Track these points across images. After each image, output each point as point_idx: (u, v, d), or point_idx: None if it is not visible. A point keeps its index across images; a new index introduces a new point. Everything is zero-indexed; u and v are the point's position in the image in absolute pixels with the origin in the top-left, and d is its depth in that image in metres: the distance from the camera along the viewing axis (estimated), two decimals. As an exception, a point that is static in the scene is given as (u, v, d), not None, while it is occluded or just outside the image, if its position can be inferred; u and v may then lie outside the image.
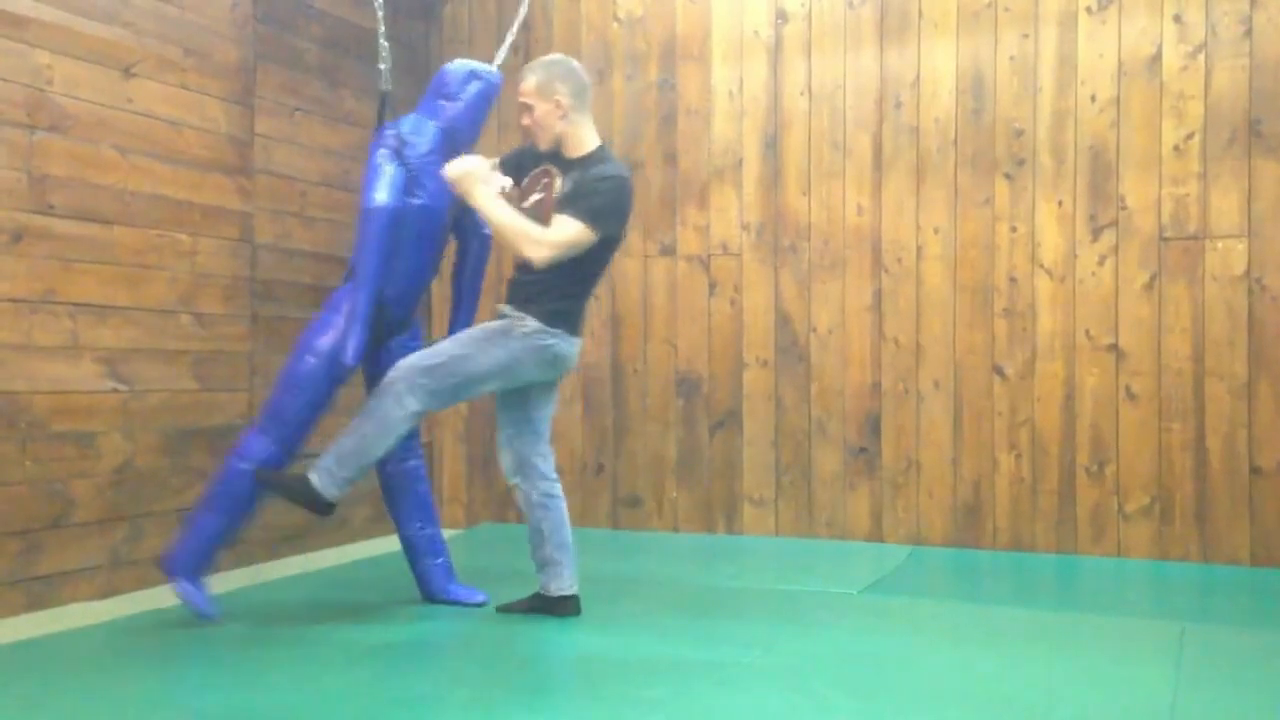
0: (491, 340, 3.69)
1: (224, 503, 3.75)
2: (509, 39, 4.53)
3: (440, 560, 4.11)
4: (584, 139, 3.79)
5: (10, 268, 3.82)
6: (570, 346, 3.78)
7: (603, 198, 3.66)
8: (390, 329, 3.94)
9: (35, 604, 3.89)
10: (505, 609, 3.92)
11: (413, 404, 3.64)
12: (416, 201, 3.82)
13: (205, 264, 4.56)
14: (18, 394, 3.84)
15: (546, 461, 3.86)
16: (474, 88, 3.98)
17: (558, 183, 3.75)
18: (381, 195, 3.74)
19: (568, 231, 3.62)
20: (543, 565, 3.84)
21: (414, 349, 3.87)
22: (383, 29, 4.04)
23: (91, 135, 4.09)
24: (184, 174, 4.46)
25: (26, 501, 3.86)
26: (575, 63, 3.87)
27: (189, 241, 4.49)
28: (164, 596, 4.16)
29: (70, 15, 4.00)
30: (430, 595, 4.12)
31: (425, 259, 3.95)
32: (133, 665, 3.30)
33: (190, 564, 3.74)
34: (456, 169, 3.70)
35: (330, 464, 3.65)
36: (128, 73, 4.23)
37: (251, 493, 3.75)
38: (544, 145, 3.80)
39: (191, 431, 4.49)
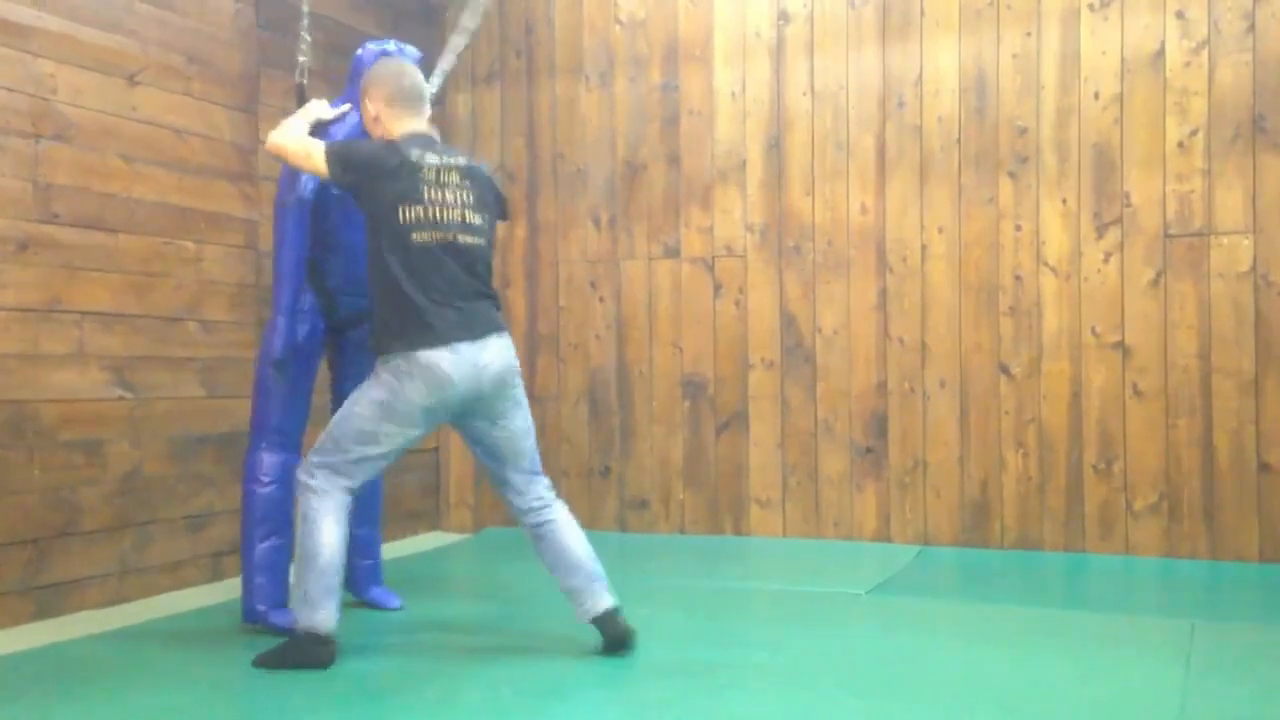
0: (367, 385, 3.44)
1: (267, 528, 3.71)
2: (444, 67, 4.51)
3: (370, 562, 4.11)
4: (393, 132, 3.56)
5: (16, 276, 3.83)
6: (434, 357, 3.31)
7: (354, 143, 3.51)
8: (345, 321, 3.86)
9: (43, 612, 3.89)
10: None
11: (314, 483, 3.39)
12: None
13: (211, 271, 4.57)
14: (25, 403, 3.85)
15: (523, 493, 3.57)
16: None
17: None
18: (287, 195, 3.78)
19: (297, 141, 3.50)
20: (567, 596, 3.59)
21: None
22: (305, 22, 3.99)
23: (96, 143, 4.10)
24: (189, 181, 4.47)
25: (34, 510, 3.87)
26: (393, 64, 3.65)
27: (194, 249, 4.50)
28: (171, 603, 4.18)
29: (74, 24, 4.02)
30: (349, 593, 4.05)
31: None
32: (141, 673, 3.30)
33: (275, 596, 3.69)
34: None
35: (296, 594, 3.39)
36: (132, 81, 4.24)
37: (285, 502, 3.73)
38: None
39: (199, 439, 4.50)
